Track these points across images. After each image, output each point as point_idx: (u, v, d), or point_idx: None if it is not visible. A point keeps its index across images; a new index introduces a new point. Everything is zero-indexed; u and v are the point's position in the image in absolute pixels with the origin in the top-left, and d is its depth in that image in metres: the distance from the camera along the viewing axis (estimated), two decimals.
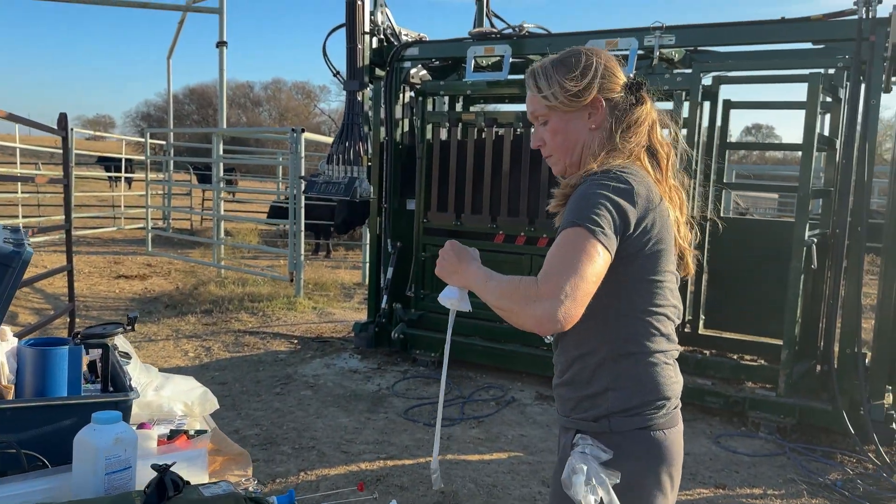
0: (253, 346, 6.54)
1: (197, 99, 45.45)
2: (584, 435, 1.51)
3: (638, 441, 1.48)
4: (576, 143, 1.58)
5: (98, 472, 1.33)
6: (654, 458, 1.49)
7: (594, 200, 1.41)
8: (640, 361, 1.49)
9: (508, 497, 3.63)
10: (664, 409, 1.51)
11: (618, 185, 1.43)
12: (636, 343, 1.49)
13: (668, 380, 1.53)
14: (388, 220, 6.29)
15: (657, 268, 1.49)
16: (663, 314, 1.51)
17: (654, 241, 1.47)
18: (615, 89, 1.57)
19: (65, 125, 5.10)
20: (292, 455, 4.08)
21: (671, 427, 1.52)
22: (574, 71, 1.55)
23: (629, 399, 1.49)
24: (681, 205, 1.60)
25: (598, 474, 1.42)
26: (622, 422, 1.48)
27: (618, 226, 1.41)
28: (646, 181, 1.49)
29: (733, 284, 5.42)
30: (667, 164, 1.58)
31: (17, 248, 1.54)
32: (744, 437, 4.69)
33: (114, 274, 10.01)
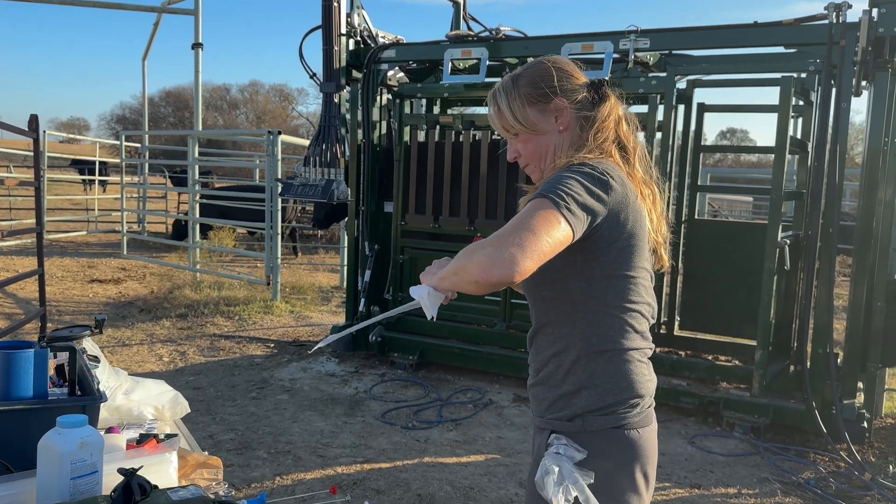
0: (229, 350, 6.48)
1: (173, 101, 44.99)
2: (558, 435, 1.51)
3: (612, 440, 1.48)
4: (548, 147, 1.60)
5: (63, 477, 1.30)
6: (629, 458, 1.48)
7: (565, 179, 1.42)
8: (613, 359, 1.49)
9: (485, 499, 3.63)
10: (638, 408, 1.51)
11: (593, 174, 1.44)
12: (610, 340, 1.49)
13: (642, 378, 1.53)
14: (365, 222, 6.27)
15: (630, 263, 1.48)
16: (637, 311, 1.51)
17: (626, 235, 1.47)
18: (576, 89, 1.58)
19: (35, 127, 5.02)
20: (268, 460, 4.04)
21: (645, 426, 1.52)
22: (533, 82, 1.58)
23: (603, 398, 1.48)
24: (653, 198, 1.60)
25: (572, 474, 1.42)
26: (596, 421, 1.48)
27: (587, 207, 1.39)
28: (620, 176, 1.49)
29: (708, 286, 5.48)
30: (634, 158, 1.59)
31: None
32: (719, 437, 4.73)
33: (87, 278, 9.86)
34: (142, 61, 14.92)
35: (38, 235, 5.27)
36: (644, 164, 1.60)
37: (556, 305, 1.52)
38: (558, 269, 1.47)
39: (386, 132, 6.30)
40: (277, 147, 8.48)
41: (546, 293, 1.54)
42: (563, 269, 1.47)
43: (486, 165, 5.69)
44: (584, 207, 1.39)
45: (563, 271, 1.48)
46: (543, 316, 1.56)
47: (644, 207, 1.54)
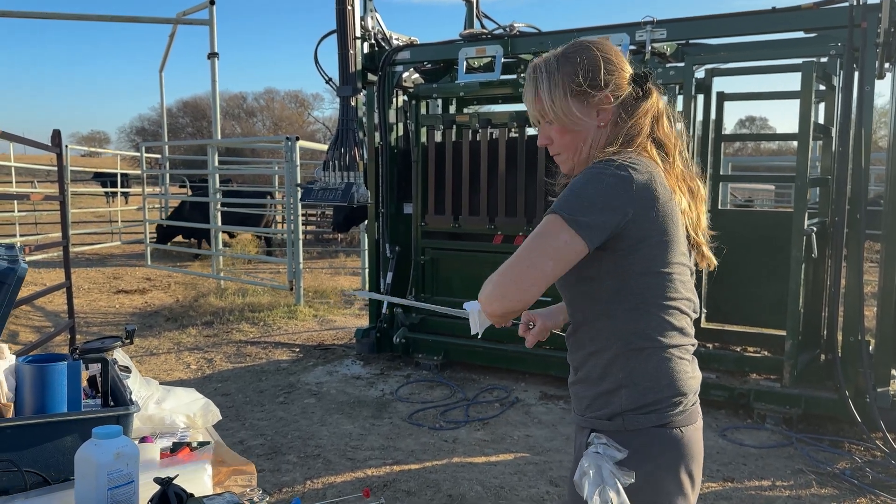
0: (255, 356, 6.52)
1: (190, 112, 45.41)
2: (598, 434, 1.47)
3: (653, 439, 1.43)
4: (585, 141, 1.55)
5: (100, 488, 1.31)
6: (671, 457, 1.44)
7: (582, 189, 1.40)
8: (652, 357, 1.45)
9: (516, 498, 3.62)
10: (680, 406, 1.46)
11: (616, 173, 1.40)
12: (648, 338, 1.45)
13: (684, 375, 1.48)
14: (385, 224, 6.28)
15: (665, 259, 1.44)
16: (675, 307, 1.47)
17: (658, 231, 1.43)
18: (622, 84, 1.53)
19: (59, 142, 5.09)
20: (298, 464, 4.06)
21: (688, 424, 1.47)
22: (579, 71, 1.51)
23: (643, 396, 1.44)
24: (694, 195, 1.55)
25: (610, 475, 1.39)
26: (637, 419, 1.44)
27: (606, 213, 1.38)
28: (650, 170, 1.44)
29: (733, 277, 5.41)
30: (675, 155, 1.53)
31: (12, 265, 1.53)
32: (750, 429, 4.67)
33: (113, 289, 9.99)
34: (159, 73, 15.07)
35: (64, 249, 5.34)
36: (684, 160, 1.56)
37: (591, 304, 1.49)
38: (590, 269, 1.45)
39: (403, 134, 6.31)
40: (296, 153, 8.53)
41: (580, 293, 1.51)
42: (594, 269, 1.45)
43: (505, 163, 5.67)
44: (602, 215, 1.37)
45: (596, 271, 1.46)
46: (579, 314, 1.53)
47: (681, 205, 1.50)
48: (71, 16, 20.18)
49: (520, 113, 5.67)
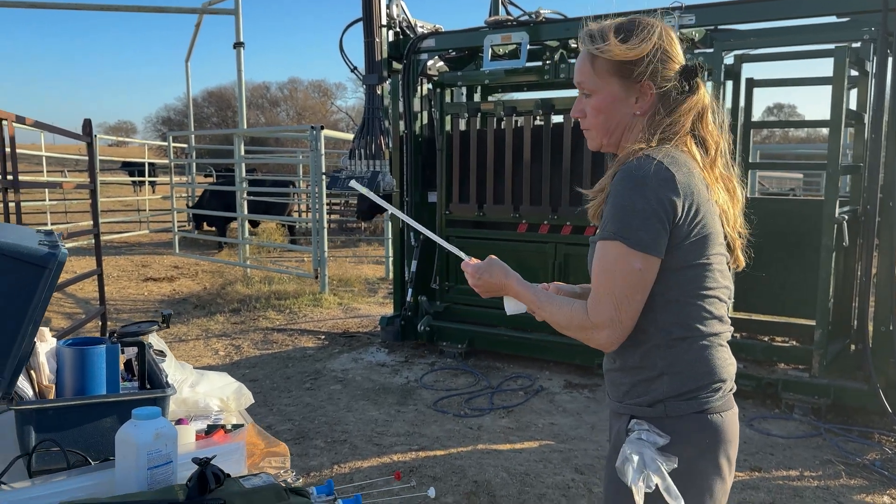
0: (281, 343, 6.60)
1: (215, 101, 45.78)
2: (639, 420, 1.48)
3: (695, 425, 1.45)
4: (617, 126, 1.54)
5: (140, 468, 1.34)
6: (712, 442, 1.46)
7: (630, 202, 1.39)
8: (693, 345, 1.46)
9: (541, 485, 3.63)
10: (720, 392, 1.48)
11: (658, 175, 1.39)
12: (689, 327, 1.46)
13: (724, 362, 1.50)
14: (410, 213, 6.30)
15: (704, 251, 1.45)
16: (715, 297, 1.48)
17: (699, 226, 1.42)
18: (668, 76, 1.49)
19: (89, 131, 5.17)
20: (325, 449, 4.11)
21: (727, 410, 1.49)
22: (632, 43, 1.47)
23: (685, 383, 1.46)
24: (731, 194, 1.54)
25: (653, 461, 1.40)
26: (678, 406, 1.45)
27: (663, 221, 1.39)
28: (688, 167, 1.44)
29: (762, 266, 5.33)
30: (716, 154, 1.51)
31: (53, 251, 1.56)
32: (777, 419, 4.63)
33: (142, 277, 10.14)
34: (185, 63, 15.21)
35: (95, 237, 5.44)
36: (725, 161, 1.54)
37: None
38: None
39: (427, 122, 6.31)
40: (320, 142, 8.58)
41: None
42: None
43: (530, 151, 5.65)
44: (658, 223, 1.38)
45: None
46: None
47: (719, 201, 1.49)
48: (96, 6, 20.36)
49: (545, 101, 5.64)
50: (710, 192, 1.47)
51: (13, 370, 1.52)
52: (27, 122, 4.40)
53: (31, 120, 4.45)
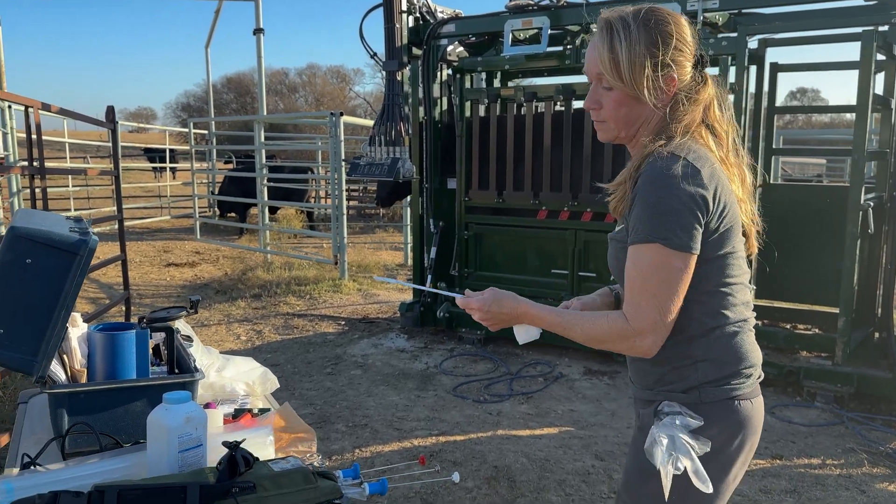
0: (302, 328, 6.65)
1: (235, 88, 45.91)
2: (670, 403, 1.49)
3: (728, 411, 1.47)
4: (638, 118, 1.51)
5: (171, 451, 1.37)
6: (741, 428, 1.47)
7: (661, 202, 1.38)
8: (726, 332, 1.47)
9: (561, 471, 3.65)
10: (751, 378, 1.50)
11: (685, 172, 1.39)
12: (721, 315, 1.47)
13: (753, 346, 1.52)
14: (429, 199, 6.30)
15: (731, 241, 1.46)
16: (741, 283, 1.49)
17: (725, 217, 1.43)
18: (686, 67, 1.49)
19: (112, 118, 5.22)
20: (346, 433, 4.15)
21: (757, 396, 1.51)
22: (659, 43, 1.45)
23: (720, 370, 1.47)
24: (742, 181, 1.54)
25: (683, 445, 1.40)
26: (713, 392, 1.46)
27: (698, 217, 1.39)
28: (710, 160, 1.45)
29: (785, 252, 5.30)
30: (727, 142, 1.52)
31: (83, 237, 1.59)
32: (799, 406, 4.61)
33: (164, 262, 10.26)
34: (205, 49, 15.25)
35: (119, 222, 5.50)
36: (736, 149, 1.54)
37: None
38: None
39: (447, 108, 6.29)
40: (340, 128, 8.59)
41: None
42: None
43: (550, 137, 5.62)
44: (692, 220, 1.38)
45: None
46: None
47: (737, 193, 1.50)
48: None
49: (566, 86, 5.60)
50: (728, 182, 1.48)
51: (46, 354, 1.55)
52: (52, 109, 4.44)
53: (56, 107, 4.50)
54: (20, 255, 1.53)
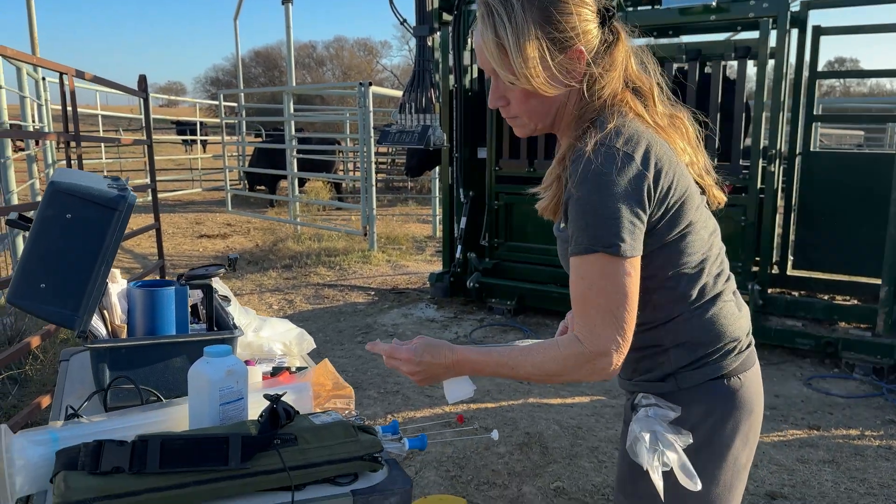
0: (332, 298, 6.69)
1: (263, 62, 46.04)
2: (646, 395, 1.36)
3: (711, 393, 1.32)
4: (552, 105, 1.31)
5: (213, 403, 1.37)
6: (733, 408, 1.33)
7: (600, 205, 1.19)
8: (695, 314, 1.32)
9: (594, 438, 3.63)
10: (734, 352, 1.34)
11: (617, 164, 1.20)
12: (688, 298, 1.32)
13: (731, 319, 1.35)
14: (459, 169, 6.25)
15: (685, 217, 1.29)
16: (706, 256, 1.33)
17: (674, 196, 1.26)
18: (591, 30, 1.28)
19: (145, 87, 5.24)
20: (378, 399, 4.18)
21: (746, 370, 1.35)
22: (551, 18, 1.24)
23: (693, 351, 1.32)
24: (684, 135, 1.37)
25: (665, 438, 1.29)
26: (690, 376, 1.32)
27: (639, 214, 1.21)
28: (642, 133, 1.26)
29: (825, 222, 5.17)
30: (653, 97, 1.34)
31: (122, 193, 1.59)
32: (837, 378, 4.53)
33: (196, 233, 10.37)
34: (234, 21, 15.25)
35: (153, 191, 5.55)
36: (663, 101, 1.35)
37: None
38: None
39: (477, 76, 6.21)
40: (369, 99, 8.54)
41: None
42: None
43: None
44: (634, 220, 1.21)
45: None
46: None
47: (683, 158, 1.34)
48: None
49: None
50: (671, 148, 1.31)
51: (88, 309, 1.56)
52: (86, 76, 4.47)
53: (90, 75, 4.52)
54: (60, 210, 1.54)
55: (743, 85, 5.01)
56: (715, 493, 1.35)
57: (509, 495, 3.08)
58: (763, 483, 3.16)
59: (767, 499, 3.02)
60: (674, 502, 1.32)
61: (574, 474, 3.26)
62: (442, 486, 3.14)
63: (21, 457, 1.25)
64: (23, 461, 1.25)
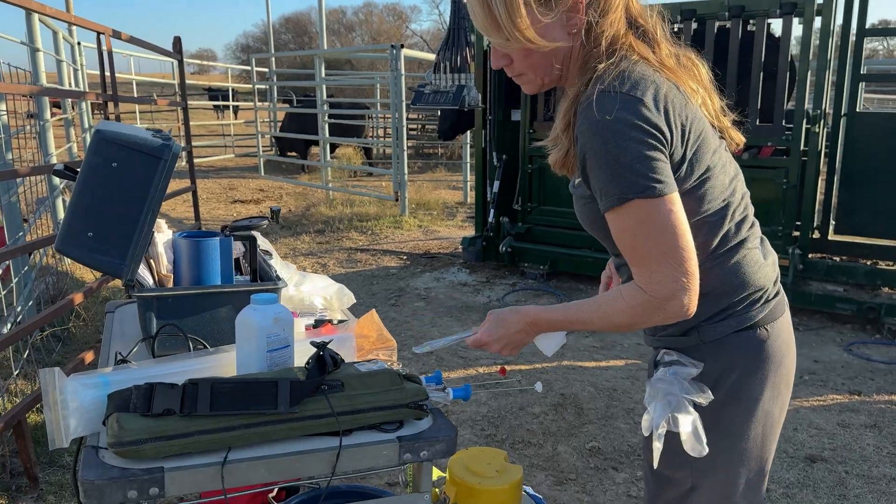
0: (365, 262, 6.72)
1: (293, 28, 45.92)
2: (668, 351, 1.32)
3: (736, 346, 1.28)
4: (555, 58, 1.25)
5: (260, 350, 1.38)
6: (760, 360, 1.29)
7: (622, 152, 1.14)
8: (718, 263, 1.28)
9: (629, 400, 3.62)
10: (760, 302, 1.29)
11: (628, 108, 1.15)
12: (710, 247, 1.27)
13: (755, 266, 1.30)
14: (492, 132, 6.19)
15: (703, 161, 1.23)
16: (727, 201, 1.27)
17: (689, 138, 1.20)
18: None
19: (179, 49, 5.24)
20: (412, 360, 4.20)
21: (773, 320, 1.30)
22: None
23: (716, 303, 1.27)
24: (697, 72, 1.29)
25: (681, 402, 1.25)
26: (714, 329, 1.28)
27: (661, 150, 1.16)
28: (649, 77, 1.20)
29: (870, 185, 5.02)
30: (658, 38, 1.27)
31: (167, 142, 1.59)
32: (878, 344, 4.44)
33: (230, 199, 10.47)
34: None
35: (188, 154, 5.59)
36: (668, 40, 1.28)
37: None
38: None
39: None
40: (400, 61, 8.46)
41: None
42: None
43: None
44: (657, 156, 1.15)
45: None
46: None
47: (695, 99, 1.27)
48: None
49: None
50: (682, 91, 1.24)
51: (134, 258, 1.58)
52: (122, 36, 4.48)
53: (127, 35, 4.53)
54: (107, 158, 1.54)
55: (788, 43, 4.86)
56: (745, 447, 1.32)
57: (545, 454, 3.09)
58: (802, 446, 3.13)
59: (807, 461, 2.99)
60: (705, 458, 1.28)
61: (610, 435, 3.26)
62: (477, 445, 3.16)
63: (74, 399, 1.27)
64: (76, 403, 1.27)
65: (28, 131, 4.92)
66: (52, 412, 1.23)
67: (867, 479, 2.90)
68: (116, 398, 1.25)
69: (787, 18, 4.81)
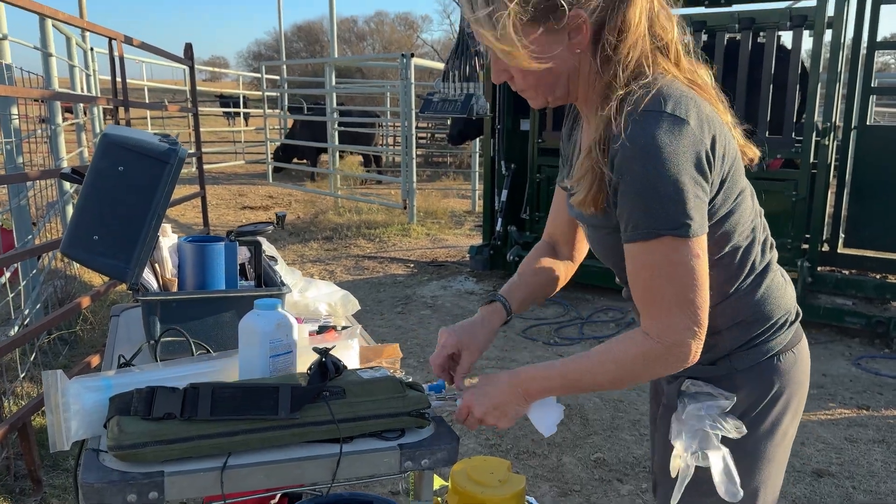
0: (372, 269, 6.73)
1: (304, 36, 46.16)
2: (695, 381, 1.27)
3: (767, 372, 1.25)
4: (559, 75, 1.16)
5: (263, 355, 1.38)
6: (787, 385, 1.27)
7: (665, 181, 1.05)
8: (749, 290, 1.25)
9: (635, 412, 3.59)
10: (786, 326, 1.27)
11: (673, 131, 1.06)
12: (741, 274, 1.24)
13: (781, 291, 1.28)
14: (501, 141, 6.19)
15: (738, 183, 1.19)
16: (751, 230, 1.23)
17: (726, 160, 1.14)
18: None
19: (191, 55, 5.28)
20: (418, 367, 4.19)
21: (798, 342, 1.29)
22: None
23: (749, 330, 1.25)
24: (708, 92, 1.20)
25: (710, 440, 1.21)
26: (747, 357, 1.25)
27: (703, 186, 1.09)
28: (687, 94, 1.12)
29: (879, 199, 4.99)
30: (680, 55, 1.18)
31: (173, 147, 1.59)
32: (887, 359, 4.40)
33: (239, 205, 10.51)
34: None
35: (198, 160, 5.62)
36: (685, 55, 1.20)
37: None
38: None
39: None
40: (410, 70, 8.49)
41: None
42: None
43: None
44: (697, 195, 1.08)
45: None
46: None
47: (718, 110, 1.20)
48: None
49: None
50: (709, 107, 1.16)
51: (139, 262, 1.58)
52: (134, 42, 4.51)
53: (138, 41, 4.57)
54: (113, 162, 1.55)
55: (798, 55, 4.84)
56: (770, 471, 1.31)
57: (549, 465, 3.07)
58: (810, 460, 3.10)
59: (814, 476, 2.96)
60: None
61: (615, 446, 3.24)
62: (481, 454, 3.14)
63: (76, 401, 1.27)
64: (78, 406, 1.27)
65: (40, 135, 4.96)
66: (54, 415, 1.23)
67: (874, 494, 2.87)
68: (118, 401, 1.25)
69: (797, 31, 4.80)
